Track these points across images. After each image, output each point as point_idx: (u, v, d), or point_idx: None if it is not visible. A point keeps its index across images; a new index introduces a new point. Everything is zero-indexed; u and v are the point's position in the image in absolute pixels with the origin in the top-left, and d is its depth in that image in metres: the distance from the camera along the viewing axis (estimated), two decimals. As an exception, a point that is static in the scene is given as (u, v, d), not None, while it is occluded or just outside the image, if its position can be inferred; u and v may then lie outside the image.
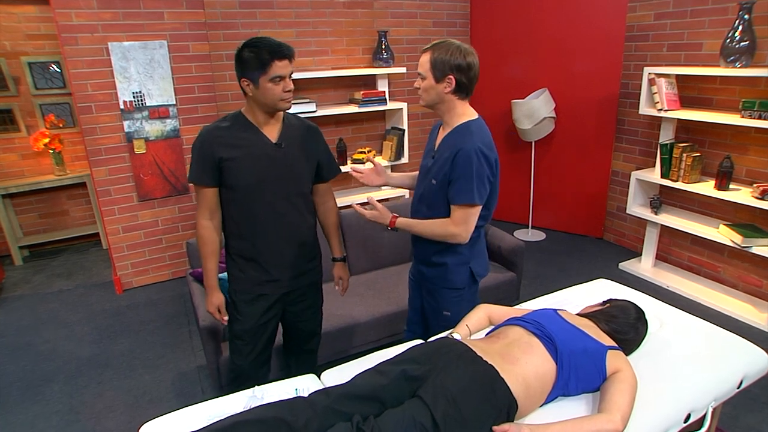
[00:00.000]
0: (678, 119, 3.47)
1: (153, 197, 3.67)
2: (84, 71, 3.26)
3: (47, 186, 4.34)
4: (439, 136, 1.86)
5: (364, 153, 4.19)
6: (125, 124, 3.45)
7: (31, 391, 2.65)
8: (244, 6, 3.74)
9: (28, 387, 2.68)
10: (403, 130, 4.24)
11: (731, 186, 3.19)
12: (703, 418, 1.60)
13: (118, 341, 3.09)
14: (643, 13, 3.77)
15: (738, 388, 1.71)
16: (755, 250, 2.98)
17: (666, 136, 3.53)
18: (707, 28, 3.36)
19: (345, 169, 4.08)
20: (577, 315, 1.79)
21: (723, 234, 3.19)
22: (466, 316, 1.85)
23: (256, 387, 1.62)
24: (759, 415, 2.32)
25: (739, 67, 2.97)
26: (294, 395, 1.48)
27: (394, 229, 1.85)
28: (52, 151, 4.25)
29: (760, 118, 2.86)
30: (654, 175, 3.55)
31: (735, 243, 3.07)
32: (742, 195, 3.05)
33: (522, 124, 4.17)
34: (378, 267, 3.19)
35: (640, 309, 1.81)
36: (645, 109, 3.47)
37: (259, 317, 1.91)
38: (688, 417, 1.55)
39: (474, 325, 1.81)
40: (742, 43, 2.93)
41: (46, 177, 4.34)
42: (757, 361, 1.77)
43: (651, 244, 3.81)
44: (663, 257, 3.94)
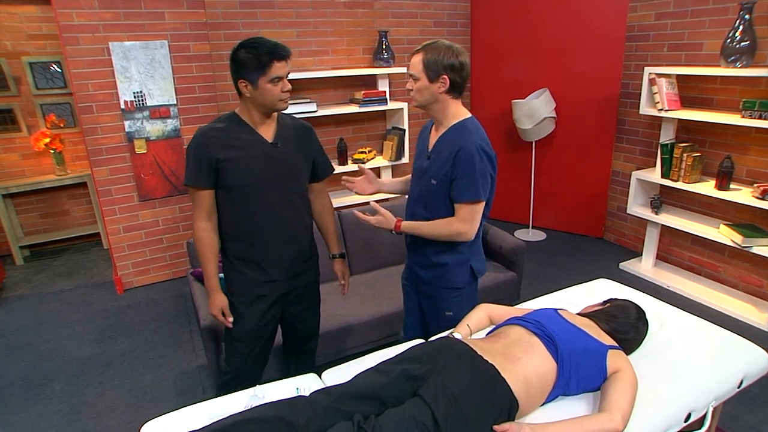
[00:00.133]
0: (678, 119, 3.47)
1: (154, 197, 3.68)
2: (85, 71, 3.26)
3: (48, 186, 4.35)
4: (433, 137, 1.86)
5: (365, 153, 4.20)
6: (126, 123, 3.45)
7: (33, 391, 2.65)
8: (245, 6, 3.74)
9: (30, 386, 2.69)
10: (404, 130, 4.24)
11: (732, 186, 3.19)
12: (704, 417, 1.60)
13: (119, 341, 3.10)
14: (644, 13, 3.78)
15: (738, 387, 1.71)
16: (756, 250, 2.98)
17: (666, 136, 3.53)
18: (708, 28, 3.36)
19: (345, 169, 4.11)
20: (578, 315, 1.79)
21: (723, 234, 3.19)
22: (466, 315, 1.85)
23: (257, 386, 1.62)
24: (759, 414, 2.32)
25: (740, 67, 2.97)
26: (295, 394, 1.48)
27: (399, 233, 1.84)
28: (52, 151, 4.25)
29: (760, 118, 2.86)
30: (654, 175, 3.55)
31: (735, 243, 3.07)
32: (742, 195, 3.05)
33: (522, 124, 4.17)
34: (378, 267, 3.19)
35: (641, 309, 1.81)
36: (645, 109, 3.47)
37: (259, 319, 1.90)
38: (689, 416, 1.55)
39: (475, 325, 1.81)
40: (742, 43, 2.93)
41: (47, 177, 4.35)
42: (757, 360, 1.77)
43: (651, 244, 3.82)
44: (663, 257, 3.94)
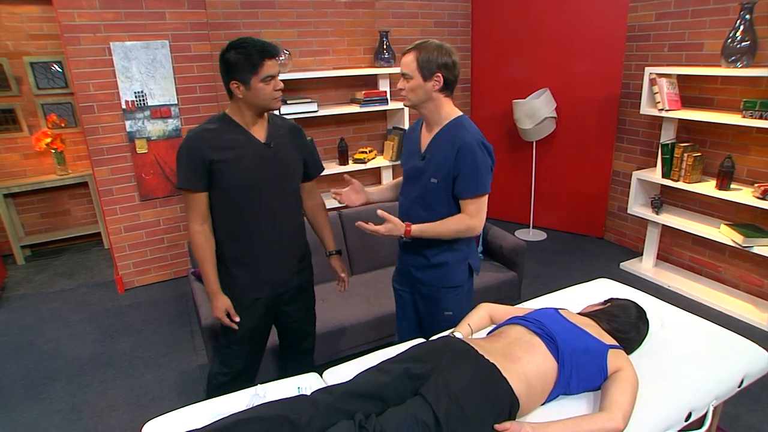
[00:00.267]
0: (679, 119, 3.47)
1: (155, 197, 3.68)
2: (86, 71, 3.27)
3: (49, 186, 4.35)
4: (425, 137, 1.86)
5: (366, 153, 4.20)
6: (127, 123, 3.46)
7: (35, 390, 2.66)
8: (246, 6, 3.74)
9: (32, 386, 2.70)
10: (405, 130, 4.23)
11: (732, 186, 3.19)
12: (704, 417, 1.60)
13: (120, 340, 3.10)
14: (644, 13, 3.78)
15: (739, 387, 1.71)
16: (756, 250, 2.98)
17: (667, 136, 3.53)
18: (708, 28, 3.36)
19: (346, 168, 4.12)
20: (579, 314, 1.80)
21: (724, 234, 3.19)
22: (467, 315, 1.85)
23: (259, 385, 1.62)
24: (760, 414, 2.33)
25: (741, 67, 2.98)
26: (296, 394, 1.49)
27: (409, 239, 1.81)
28: (54, 150, 4.26)
29: (761, 118, 2.86)
30: (655, 174, 3.56)
31: (736, 243, 3.07)
32: (743, 195, 3.05)
33: (523, 123, 4.17)
34: (378, 267, 3.19)
35: (641, 308, 1.82)
36: (646, 109, 3.47)
37: (256, 321, 1.89)
38: (689, 416, 1.55)
39: (475, 324, 1.81)
40: (743, 43, 2.93)
41: (48, 177, 4.36)
42: (757, 360, 1.78)
43: (652, 243, 3.82)
44: (664, 257, 3.94)
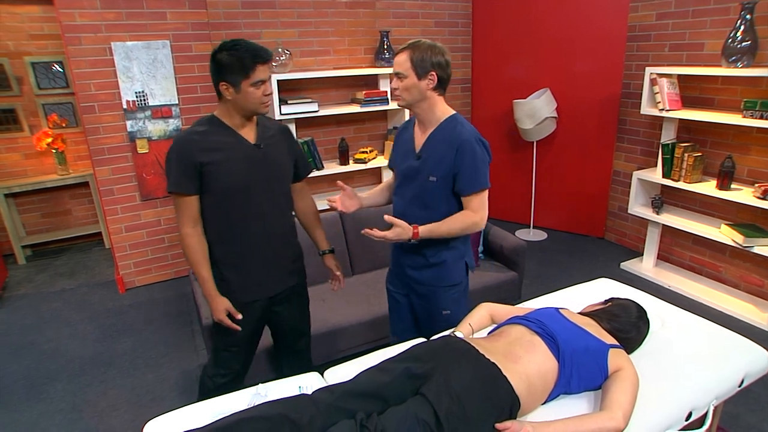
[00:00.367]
0: (680, 119, 3.47)
1: (155, 197, 3.68)
2: (87, 71, 3.27)
3: (50, 185, 4.36)
4: (419, 136, 1.86)
5: (366, 153, 4.20)
6: (128, 123, 3.46)
7: (35, 390, 2.66)
8: (247, 6, 3.75)
9: (32, 385, 2.70)
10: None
11: (733, 186, 3.19)
12: (705, 416, 1.60)
13: (121, 340, 3.10)
14: (645, 13, 3.78)
15: (739, 386, 1.71)
16: (757, 250, 2.98)
17: (668, 135, 3.53)
18: (709, 28, 3.36)
19: (347, 168, 4.12)
20: (579, 314, 1.80)
21: (724, 234, 3.19)
22: (468, 314, 1.86)
23: (260, 385, 1.62)
24: (760, 414, 2.33)
25: (741, 67, 2.98)
26: (297, 393, 1.49)
27: (417, 241, 1.80)
28: (54, 150, 4.26)
29: (761, 118, 2.86)
30: (655, 174, 3.56)
31: (736, 243, 3.07)
32: (743, 195, 3.05)
33: (523, 123, 4.18)
34: (378, 267, 3.19)
35: (642, 308, 1.82)
36: (646, 109, 3.47)
37: (252, 323, 1.87)
38: (690, 415, 1.56)
39: (476, 324, 1.81)
40: (743, 43, 2.93)
41: (49, 176, 4.36)
42: (758, 359, 1.78)
43: (652, 243, 3.82)
44: (664, 257, 3.94)
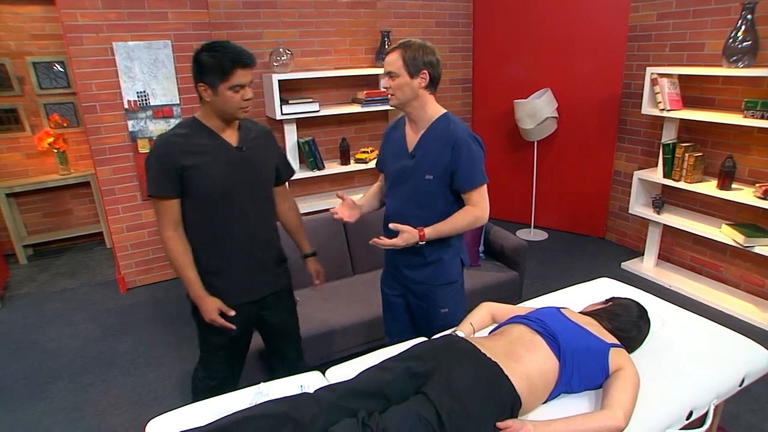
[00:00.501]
0: (680, 119, 3.47)
1: (157, 196, 3.69)
2: (89, 71, 3.28)
3: (51, 185, 4.36)
4: (411, 136, 1.87)
5: (367, 152, 4.21)
6: (129, 123, 3.47)
7: (38, 389, 2.67)
8: (248, 6, 3.75)
9: (34, 384, 2.71)
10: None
11: (733, 186, 3.19)
12: (705, 415, 1.61)
13: (122, 339, 3.11)
14: (646, 13, 3.78)
15: (740, 386, 1.72)
16: (757, 250, 2.98)
17: (668, 135, 3.53)
18: (710, 28, 3.36)
19: (348, 168, 4.13)
20: (580, 313, 1.80)
21: (725, 234, 3.19)
22: (469, 314, 1.86)
23: (262, 384, 1.63)
24: (761, 414, 2.33)
25: (742, 67, 2.98)
26: (299, 392, 1.49)
27: (424, 243, 1.80)
28: (56, 150, 4.27)
29: (762, 117, 2.86)
30: (656, 174, 3.56)
31: (737, 243, 3.08)
32: (744, 195, 3.05)
33: (524, 123, 4.18)
34: (379, 267, 3.13)
35: (643, 307, 1.82)
36: (647, 109, 3.48)
37: (238, 329, 1.84)
38: (690, 414, 1.56)
39: (477, 323, 1.82)
40: (744, 43, 2.93)
41: (51, 176, 4.37)
42: (758, 359, 1.78)
43: (653, 243, 3.82)
44: (665, 257, 3.94)
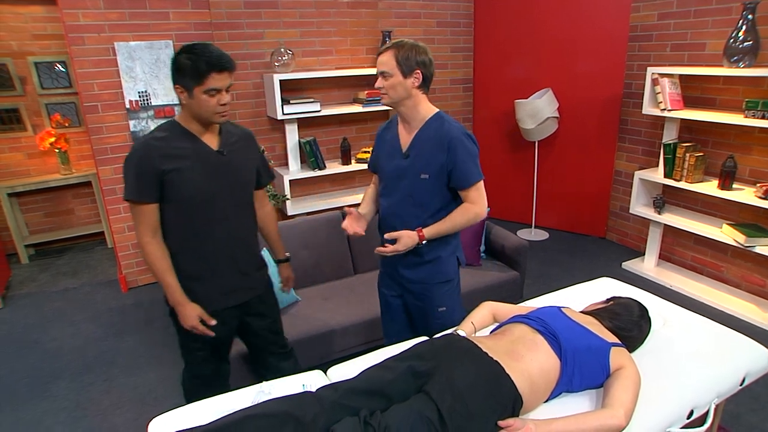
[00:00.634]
0: (681, 119, 3.47)
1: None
2: (90, 71, 3.29)
3: (53, 185, 4.37)
4: (404, 135, 1.88)
5: (368, 152, 4.21)
6: (131, 123, 3.48)
7: (39, 388, 2.68)
8: (249, 6, 3.76)
9: (36, 384, 2.71)
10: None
11: (734, 186, 3.20)
12: (706, 414, 1.61)
13: (123, 339, 3.12)
14: (647, 13, 3.78)
15: (740, 385, 1.72)
16: (758, 250, 2.98)
17: (669, 135, 3.53)
18: (711, 28, 3.37)
19: (348, 168, 4.13)
20: (581, 313, 1.81)
21: (726, 234, 3.19)
22: (470, 313, 1.87)
23: (264, 382, 1.63)
24: (761, 413, 2.33)
25: (743, 67, 2.98)
26: (301, 391, 1.50)
27: (424, 243, 1.81)
28: (57, 150, 4.28)
29: (763, 117, 2.87)
30: (657, 174, 3.56)
31: (738, 243, 3.08)
32: (745, 195, 3.05)
33: (525, 123, 4.18)
34: (382, 266, 3.20)
35: (644, 306, 1.83)
36: (648, 108, 3.48)
37: (217, 333, 1.81)
38: (691, 413, 1.56)
39: (479, 323, 1.82)
40: (745, 43, 2.94)
41: (52, 176, 4.37)
42: (759, 358, 1.78)
43: (654, 243, 3.82)
44: (666, 257, 3.94)
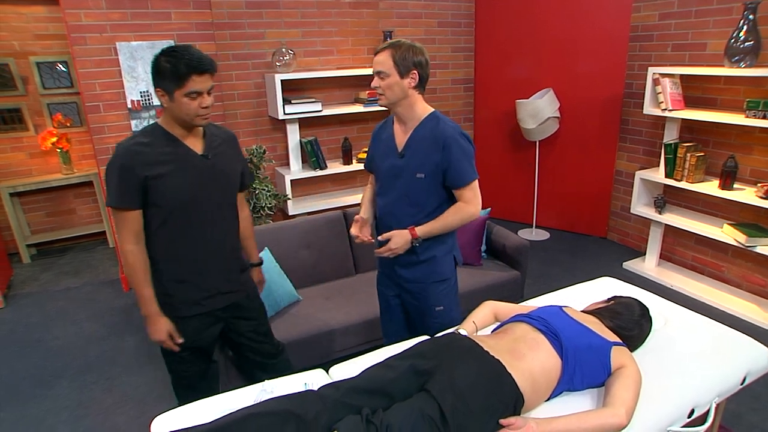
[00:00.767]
0: (682, 119, 3.48)
1: (160, 196, 3.70)
2: (92, 71, 3.29)
3: (55, 185, 4.38)
4: (399, 135, 1.88)
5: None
6: (132, 123, 3.48)
7: (42, 387, 2.68)
8: (251, 6, 3.76)
9: (39, 383, 2.72)
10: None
11: (735, 186, 3.20)
12: (707, 414, 1.61)
13: (125, 338, 3.12)
14: (648, 13, 3.79)
15: (741, 384, 1.72)
16: (759, 250, 2.99)
17: (670, 135, 3.54)
18: (712, 28, 3.37)
19: (349, 168, 4.14)
20: (582, 312, 1.81)
21: (727, 234, 3.19)
22: (472, 312, 1.87)
23: (266, 381, 1.64)
24: (762, 413, 2.33)
25: (744, 67, 2.98)
26: (304, 389, 1.50)
27: (417, 240, 1.82)
28: (59, 150, 4.28)
29: (764, 117, 2.87)
30: (658, 174, 3.56)
31: (739, 242, 3.08)
32: (746, 195, 3.06)
33: (526, 123, 4.19)
34: (383, 265, 3.20)
35: (645, 306, 1.83)
36: (649, 108, 3.48)
37: (197, 335, 1.82)
38: (692, 412, 1.57)
39: (480, 322, 1.83)
40: (746, 43, 2.94)
41: (54, 176, 4.38)
42: (760, 357, 1.79)
43: (655, 243, 3.82)
44: (667, 257, 3.94)
